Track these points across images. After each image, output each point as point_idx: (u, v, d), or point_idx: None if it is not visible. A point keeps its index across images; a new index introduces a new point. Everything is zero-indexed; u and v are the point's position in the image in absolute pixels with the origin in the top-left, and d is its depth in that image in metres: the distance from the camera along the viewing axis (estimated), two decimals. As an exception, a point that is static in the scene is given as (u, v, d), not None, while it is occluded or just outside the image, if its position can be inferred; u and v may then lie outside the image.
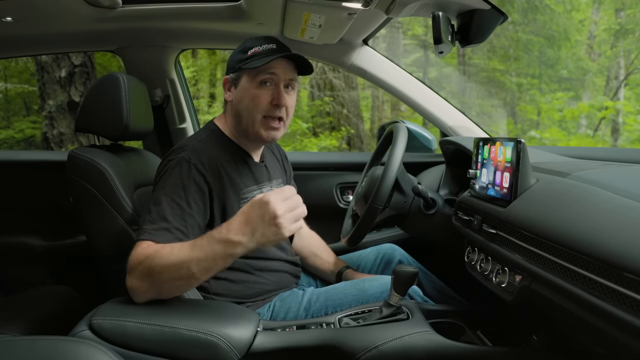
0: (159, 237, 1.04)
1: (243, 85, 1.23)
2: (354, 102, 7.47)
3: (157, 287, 0.99)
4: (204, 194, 1.16)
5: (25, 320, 1.40)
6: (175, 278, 0.97)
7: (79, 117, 1.35)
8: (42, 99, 6.54)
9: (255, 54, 1.21)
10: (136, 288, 1.00)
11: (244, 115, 1.24)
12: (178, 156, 1.16)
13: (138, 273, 0.99)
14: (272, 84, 1.22)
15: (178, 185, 1.12)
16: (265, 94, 1.21)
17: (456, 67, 7.57)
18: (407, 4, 1.23)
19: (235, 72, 1.25)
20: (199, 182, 1.15)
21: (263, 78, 1.21)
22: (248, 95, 1.22)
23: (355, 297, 1.25)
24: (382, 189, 1.29)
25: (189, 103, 2.18)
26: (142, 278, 0.98)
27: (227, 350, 0.96)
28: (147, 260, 0.98)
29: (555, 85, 7.30)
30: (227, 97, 1.28)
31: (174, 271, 0.96)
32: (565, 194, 0.88)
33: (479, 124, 1.97)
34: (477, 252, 1.12)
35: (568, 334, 0.91)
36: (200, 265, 0.95)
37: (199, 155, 1.18)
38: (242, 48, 1.25)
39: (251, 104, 1.22)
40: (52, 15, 1.60)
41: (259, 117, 1.22)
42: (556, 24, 7.18)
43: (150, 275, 0.97)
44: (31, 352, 0.82)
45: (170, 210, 1.08)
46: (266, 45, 1.23)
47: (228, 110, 1.30)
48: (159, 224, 1.06)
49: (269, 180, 1.37)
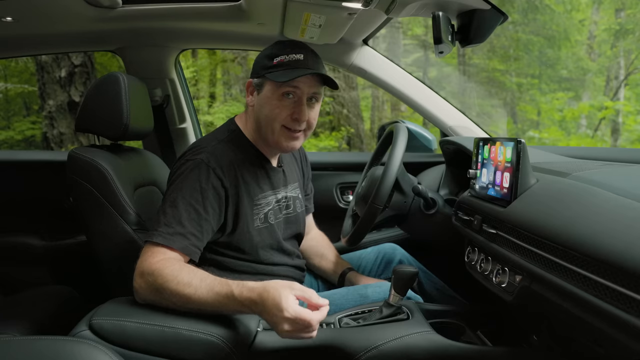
0: (174, 243, 1.04)
1: (265, 94, 1.20)
2: (354, 102, 7.47)
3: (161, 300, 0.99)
4: (220, 198, 1.15)
5: (25, 320, 1.40)
6: (182, 303, 0.98)
7: (79, 117, 1.35)
8: (42, 99, 6.54)
9: (281, 64, 1.17)
10: (141, 290, 1.00)
11: (264, 123, 1.21)
12: (197, 157, 1.15)
13: (147, 281, 0.99)
14: (295, 97, 1.19)
15: (196, 189, 1.11)
16: (287, 107, 1.18)
17: (456, 67, 7.57)
18: (407, 4, 1.23)
19: (259, 77, 1.22)
20: (216, 187, 1.14)
21: (286, 90, 1.17)
22: (269, 105, 1.19)
23: (357, 303, 1.24)
24: (382, 189, 1.29)
25: (189, 103, 2.18)
26: (150, 287, 0.99)
27: (227, 351, 0.96)
28: (160, 277, 0.98)
29: (555, 85, 7.30)
30: (249, 101, 1.26)
31: (184, 300, 0.97)
32: (565, 194, 0.88)
33: (479, 124, 1.97)
34: (477, 252, 1.12)
35: (568, 334, 0.91)
36: (211, 308, 0.97)
37: (218, 158, 1.16)
38: (269, 53, 1.21)
39: (271, 114, 1.19)
40: (52, 15, 1.60)
41: (278, 126, 1.20)
42: (556, 24, 7.18)
43: (158, 290, 0.98)
44: (31, 352, 0.82)
45: (186, 215, 1.08)
46: (293, 55, 1.17)
47: (250, 112, 1.27)
48: (174, 227, 1.05)
49: (284, 186, 1.35)
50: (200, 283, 0.97)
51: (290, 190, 1.37)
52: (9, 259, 2.03)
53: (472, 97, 7.41)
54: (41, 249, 2.05)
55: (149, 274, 0.99)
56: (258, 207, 1.24)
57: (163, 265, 0.99)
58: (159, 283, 0.97)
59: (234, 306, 0.95)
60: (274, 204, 1.29)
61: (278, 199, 1.31)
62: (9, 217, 2.06)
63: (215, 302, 0.96)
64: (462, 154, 1.45)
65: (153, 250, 1.02)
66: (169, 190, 1.14)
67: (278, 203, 1.31)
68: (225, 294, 0.95)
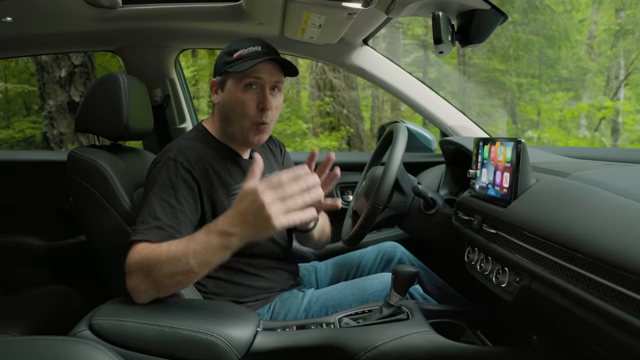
0: (151, 236, 1.04)
1: (229, 89, 1.24)
2: (354, 102, 7.48)
3: (157, 284, 0.98)
4: (193, 190, 1.17)
5: (25, 320, 1.40)
6: (173, 272, 0.96)
7: (79, 117, 1.35)
8: (42, 99, 6.54)
9: (241, 57, 1.21)
10: (136, 288, 1.00)
11: (232, 120, 1.24)
12: (164, 157, 1.17)
13: (137, 272, 0.98)
14: (258, 87, 1.22)
15: (166, 184, 1.13)
16: (251, 98, 1.21)
17: (456, 67, 7.57)
18: (407, 4, 1.23)
19: (221, 74, 1.25)
20: (187, 180, 1.16)
21: (248, 82, 1.21)
22: (234, 99, 1.22)
23: (355, 296, 1.25)
24: (382, 189, 1.29)
25: (189, 103, 2.18)
26: (141, 276, 0.98)
27: (227, 351, 0.96)
28: (145, 259, 0.98)
29: (555, 85, 7.30)
30: (214, 99, 1.29)
31: (172, 265, 0.95)
32: (565, 194, 0.88)
33: (478, 124, 1.97)
34: (477, 252, 1.12)
35: (568, 334, 0.91)
36: (197, 257, 0.94)
37: (185, 154, 1.19)
38: (228, 50, 1.25)
39: (239, 110, 1.22)
40: (52, 15, 1.60)
41: (248, 124, 1.23)
42: (556, 24, 7.18)
43: (149, 272, 0.97)
44: (31, 352, 0.82)
45: (160, 209, 1.08)
46: (252, 47, 1.22)
47: (216, 112, 1.31)
48: (150, 223, 1.06)
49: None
50: (179, 242, 0.98)
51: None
52: (9, 259, 2.03)
53: (472, 97, 7.42)
54: (41, 249, 2.05)
55: (134, 265, 0.99)
56: (234, 198, 1.24)
57: (144, 253, 0.99)
58: (144, 264, 0.97)
59: (219, 239, 0.92)
60: None
61: None
62: (9, 217, 2.06)
63: (198, 247, 0.93)
64: (462, 154, 1.45)
65: (134, 248, 1.02)
66: (144, 193, 1.15)
67: None
68: (203, 232, 0.94)
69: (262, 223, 0.89)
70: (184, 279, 0.98)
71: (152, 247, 1.01)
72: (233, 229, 0.92)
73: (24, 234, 2.06)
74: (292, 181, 0.90)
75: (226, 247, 0.93)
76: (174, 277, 0.97)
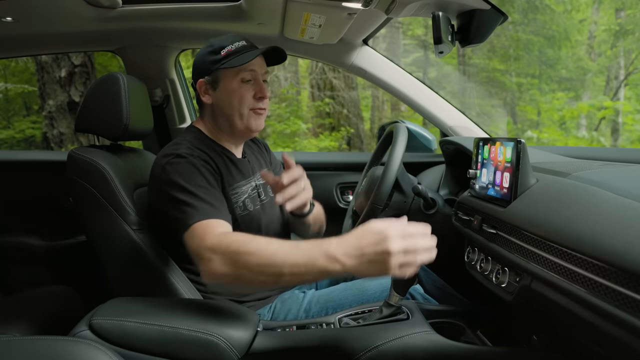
0: (211, 215, 1.03)
1: (225, 86, 1.24)
2: (354, 102, 7.47)
3: (235, 270, 0.92)
4: (215, 175, 1.19)
5: (25, 320, 1.40)
6: (262, 272, 0.90)
7: (79, 117, 1.35)
8: (42, 99, 6.54)
9: (231, 53, 1.22)
10: (213, 267, 0.93)
11: (231, 112, 1.25)
12: (176, 152, 1.16)
13: (223, 252, 0.93)
14: (253, 79, 1.24)
15: (193, 172, 1.12)
16: (248, 90, 1.24)
17: (456, 67, 7.57)
18: (407, 4, 1.23)
19: (210, 73, 1.25)
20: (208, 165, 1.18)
21: (244, 76, 1.23)
22: (232, 94, 1.24)
23: (355, 297, 1.25)
24: (382, 189, 1.29)
25: (189, 103, 2.18)
26: (225, 259, 0.92)
27: (227, 350, 0.96)
28: (235, 244, 0.93)
29: (555, 85, 7.30)
30: (205, 100, 1.28)
31: (264, 267, 0.89)
32: (565, 194, 0.88)
33: (478, 124, 1.97)
34: (477, 252, 1.12)
35: (568, 333, 0.91)
36: (293, 270, 0.87)
37: (194, 150, 1.19)
38: (211, 49, 1.25)
39: (237, 103, 1.24)
40: (52, 15, 1.60)
41: (246, 110, 1.25)
42: (556, 24, 7.18)
43: (234, 259, 0.92)
44: (31, 352, 0.82)
45: (200, 193, 1.08)
46: (237, 42, 1.24)
47: (207, 112, 1.31)
48: (197, 205, 1.05)
49: (253, 174, 1.38)
50: (280, 244, 0.90)
51: (258, 179, 1.39)
52: (9, 259, 2.03)
53: (472, 97, 7.41)
54: (41, 249, 2.05)
55: (218, 244, 0.94)
56: (235, 196, 1.26)
57: (230, 235, 0.96)
58: (234, 249, 0.92)
59: (325, 262, 0.85)
60: (250, 191, 1.32)
61: (252, 187, 1.34)
62: (9, 217, 2.06)
63: (301, 261, 0.86)
64: (462, 154, 1.45)
65: (201, 228, 0.99)
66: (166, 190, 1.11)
67: (252, 191, 1.33)
68: (312, 247, 0.87)
69: (377, 267, 0.83)
70: (269, 284, 0.95)
71: (237, 236, 0.96)
72: (345, 259, 0.85)
73: (24, 234, 2.06)
74: (422, 236, 0.86)
75: (328, 274, 0.87)
76: (258, 268, 0.90)
